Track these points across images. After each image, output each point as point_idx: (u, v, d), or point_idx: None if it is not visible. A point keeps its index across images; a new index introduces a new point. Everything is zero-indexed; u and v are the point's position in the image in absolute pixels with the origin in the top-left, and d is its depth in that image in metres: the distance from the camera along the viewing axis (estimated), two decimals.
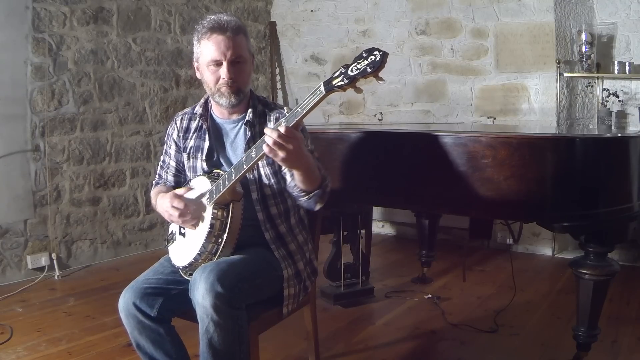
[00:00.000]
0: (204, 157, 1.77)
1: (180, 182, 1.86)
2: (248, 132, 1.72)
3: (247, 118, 1.72)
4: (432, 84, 4.33)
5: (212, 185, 1.62)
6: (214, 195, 1.59)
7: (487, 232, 3.00)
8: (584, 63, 3.63)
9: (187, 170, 1.83)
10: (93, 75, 3.67)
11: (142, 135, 4.00)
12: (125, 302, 1.61)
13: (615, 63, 3.54)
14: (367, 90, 4.57)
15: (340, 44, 4.71)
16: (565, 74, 3.72)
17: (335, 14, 4.71)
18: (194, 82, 4.22)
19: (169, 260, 1.76)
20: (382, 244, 4.24)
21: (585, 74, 3.67)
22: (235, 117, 1.76)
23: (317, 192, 1.60)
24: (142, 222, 4.05)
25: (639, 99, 3.60)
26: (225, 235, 1.59)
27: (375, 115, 4.42)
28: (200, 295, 1.48)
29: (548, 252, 3.91)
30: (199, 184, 1.70)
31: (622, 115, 3.61)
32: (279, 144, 1.38)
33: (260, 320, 1.69)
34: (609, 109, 3.61)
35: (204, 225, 1.62)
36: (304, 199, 1.63)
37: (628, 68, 3.48)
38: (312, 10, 4.82)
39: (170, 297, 1.64)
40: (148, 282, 1.65)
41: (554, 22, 3.74)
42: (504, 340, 2.49)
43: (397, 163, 2.21)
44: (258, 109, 1.76)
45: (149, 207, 3.95)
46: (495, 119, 3.95)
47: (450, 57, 4.21)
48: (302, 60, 4.94)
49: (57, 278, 3.41)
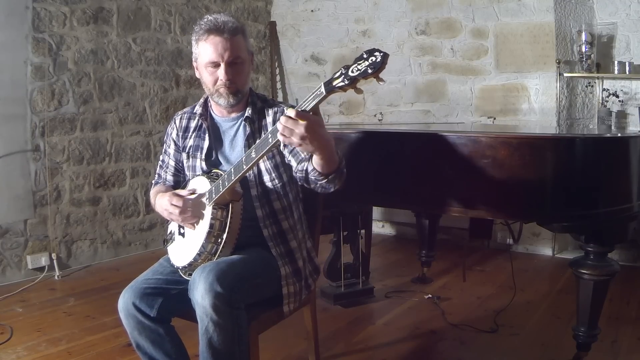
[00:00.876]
0: (203, 156, 1.77)
1: (180, 181, 1.86)
2: (247, 128, 1.72)
3: (246, 114, 1.73)
4: (432, 84, 4.33)
5: (211, 186, 1.62)
6: (214, 196, 1.59)
7: (487, 232, 3.00)
8: (584, 63, 3.63)
9: (186, 170, 1.84)
10: (93, 75, 3.67)
11: (142, 135, 4.00)
12: (125, 302, 1.61)
13: (615, 63, 3.54)
14: (367, 91, 4.57)
15: (340, 44, 4.71)
16: (565, 74, 3.72)
17: (335, 14, 4.71)
18: (194, 82, 4.23)
19: (169, 261, 1.76)
20: (382, 244, 4.24)
21: (585, 74, 3.67)
22: (235, 114, 1.77)
23: (336, 173, 1.55)
24: (142, 222, 4.05)
25: (639, 99, 3.60)
26: (225, 236, 1.59)
27: (375, 116, 4.42)
28: (200, 295, 1.48)
29: (548, 252, 3.91)
30: (199, 184, 1.70)
31: (622, 115, 3.61)
32: (289, 129, 1.35)
33: (260, 320, 1.69)
34: (609, 109, 3.61)
35: (204, 225, 1.62)
36: (323, 182, 1.57)
37: (628, 68, 3.48)
38: (312, 10, 4.82)
39: (170, 297, 1.64)
40: (147, 282, 1.66)
41: (554, 22, 3.74)
42: (504, 340, 2.49)
43: (397, 163, 2.21)
44: (257, 106, 1.76)
45: (149, 207, 3.94)
46: (495, 119, 3.95)
47: (450, 57, 4.21)
48: (302, 60, 4.94)
49: (57, 278, 3.41)
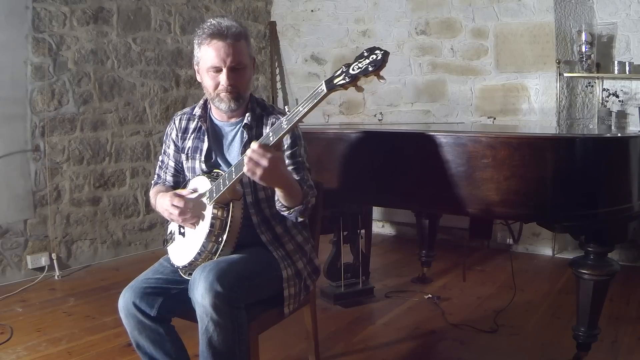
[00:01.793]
0: (203, 158, 1.77)
1: (179, 182, 1.86)
2: (245, 135, 1.72)
3: (245, 121, 1.72)
4: (432, 84, 4.33)
5: (212, 185, 1.62)
6: (214, 195, 1.59)
7: (487, 232, 2.99)
8: (584, 63, 3.63)
9: (185, 171, 1.84)
10: (93, 75, 3.67)
11: (142, 135, 4.00)
12: (125, 301, 1.61)
13: (615, 63, 3.54)
14: (367, 90, 4.57)
15: (340, 44, 4.71)
16: (565, 74, 3.72)
17: (335, 14, 4.71)
18: (194, 82, 4.22)
19: (169, 260, 1.76)
20: (382, 244, 4.24)
21: (585, 74, 3.67)
22: (234, 120, 1.77)
23: (297, 208, 1.62)
24: (142, 222, 4.05)
25: (639, 99, 3.60)
26: (226, 235, 1.59)
27: (375, 115, 4.42)
28: (200, 295, 1.48)
29: (548, 252, 3.91)
30: (199, 184, 1.70)
31: (622, 115, 3.61)
32: (253, 161, 1.41)
33: (260, 320, 1.69)
34: (609, 109, 3.61)
35: (204, 225, 1.62)
36: (285, 213, 1.66)
37: (628, 68, 3.48)
38: (312, 10, 4.82)
39: (170, 296, 1.64)
40: (148, 281, 1.66)
41: (554, 22, 3.74)
42: (504, 340, 2.49)
43: (397, 163, 2.21)
44: (256, 112, 1.76)
45: (149, 207, 3.94)
46: (495, 119, 3.95)
47: (450, 57, 4.21)
48: (302, 60, 4.94)
49: (57, 278, 3.41)
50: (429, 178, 2.12)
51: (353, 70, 1.26)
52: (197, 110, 1.81)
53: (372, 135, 2.44)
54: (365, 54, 1.27)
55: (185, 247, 1.69)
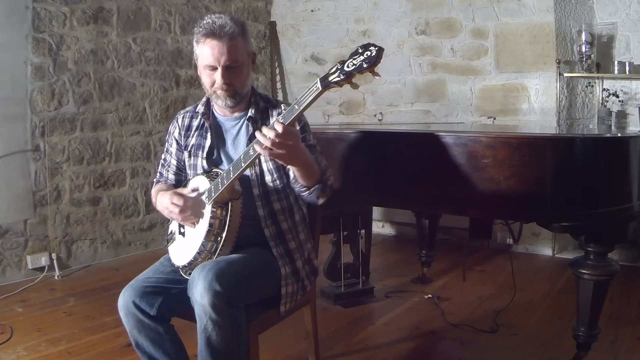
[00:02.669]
0: (205, 155, 1.77)
1: (181, 180, 1.86)
2: (250, 128, 1.72)
3: (249, 114, 1.73)
4: (432, 84, 4.33)
5: (210, 184, 1.62)
6: (213, 194, 1.59)
7: (487, 232, 3.00)
8: (584, 63, 3.63)
9: (187, 168, 1.84)
10: (93, 75, 3.67)
11: (142, 135, 4.00)
12: (125, 300, 1.61)
13: (615, 63, 3.54)
14: (367, 90, 4.57)
15: (340, 44, 4.71)
16: (565, 74, 3.72)
17: (335, 14, 4.71)
18: (194, 82, 4.23)
19: (169, 260, 1.76)
20: (382, 244, 4.24)
21: (585, 74, 3.67)
22: (237, 114, 1.77)
23: (317, 186, 1.62)
24: (142, 222, 4.05)
25: (639, 99, 3.60)
26: (224, 234, 1.59)
27: (375, 115, 4.42)
28: (199, 294, 1.48)
29: (548, 252, 3.91)
30: (198, 183, 1.70)
31: (622, 115, 3.61)
32: (278, 143, 1.39)
33: (260, 321, 1.69)
34: (609, 109, 3.61)
35: (203, 224, 1.62)
36: (306, 194, 1.66)
37: (628, 68, 3.48)
38: (312, 10, 4.82)
39: (170, 296, 1.64)
40: (148, 280, 1.66)
41: (554, 22, 3.74)
42: (504, 340, 2.49)
43: (397, 163, 2.21)
44: (260, 105, 1.76)
45: (149, 207, 3.96)
46: (495, 119, 3.95)
47: (450, 57, 4.21)
48: (302, 60, 4.94)
49: (57, 278, 3.41)
50: (429, 178, 2.12)
51: (347, 67, 1.26)
52: (199, 108, 1.82)
53: (372, 135, 2.44)
54: (360, 51, 1.27)
55: (185, 246, 1.69)
